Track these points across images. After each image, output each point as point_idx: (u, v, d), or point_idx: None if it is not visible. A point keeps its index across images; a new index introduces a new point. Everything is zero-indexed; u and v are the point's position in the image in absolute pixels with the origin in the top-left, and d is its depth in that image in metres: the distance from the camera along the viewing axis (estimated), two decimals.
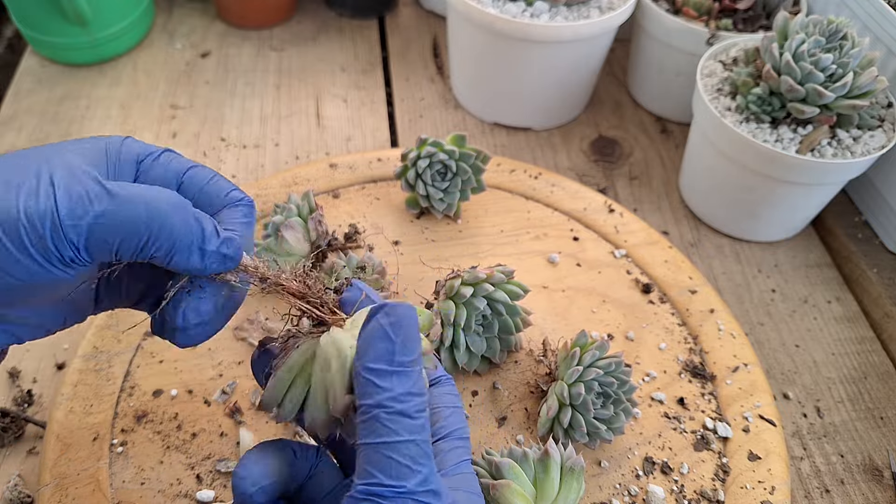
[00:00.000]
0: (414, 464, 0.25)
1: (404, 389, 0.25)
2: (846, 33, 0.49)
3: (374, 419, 0.25)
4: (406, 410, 0.25)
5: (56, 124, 0.63)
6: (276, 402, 0.29)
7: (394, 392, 0.25)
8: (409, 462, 0.25)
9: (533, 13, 0.56)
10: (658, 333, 0.48)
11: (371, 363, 0.26)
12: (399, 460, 0.25)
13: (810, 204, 0.55)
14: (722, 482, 0.41)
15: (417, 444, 0.25)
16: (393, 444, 0.25)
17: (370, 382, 0.25)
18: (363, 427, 0.25)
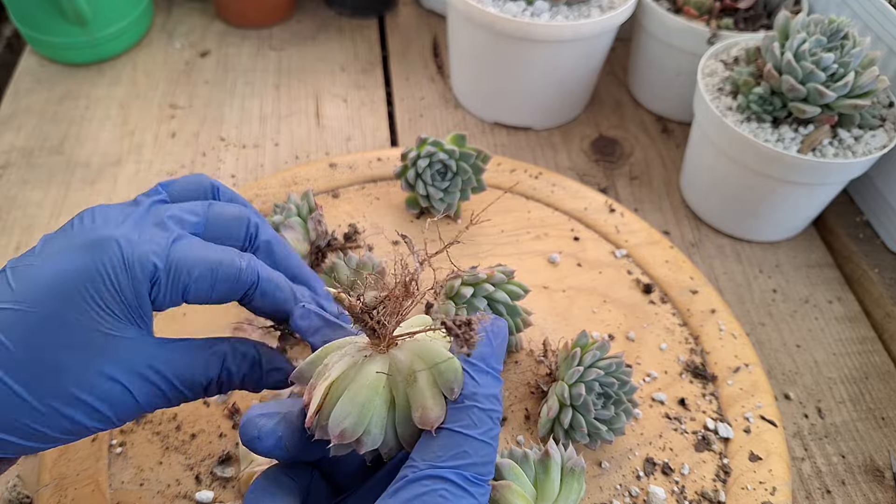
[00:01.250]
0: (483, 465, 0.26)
1: (493, 391, 0.27)
2: (847, 33, 0.49)
3: (464, 409, 0.26)
4: (492, 413, 0.26)
5: (55, 124, 0.63)
6: (362, 429, 0.26)
7: (487, 391, 0.27)
8: (479, 461, 0.25)
9: (533, 12, 0.56)
10: (659, 334, 0.48)
11: (474, 359, 0.27)
12: (471, 456, 0.25)
13: (811, 204, 0.55)
14: (723, 483, 0.41)
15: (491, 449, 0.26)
16: (473, 439, 0.26)
17: (468, 375, 0.27)
18: (450, 414, 0.26)
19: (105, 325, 0.27)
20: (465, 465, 0.25)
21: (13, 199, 0.57)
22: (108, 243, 0.28)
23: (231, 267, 0.30)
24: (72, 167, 0.59)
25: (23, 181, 0.58)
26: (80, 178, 0.59)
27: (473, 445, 0.26)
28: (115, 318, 0.27)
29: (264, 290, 0.31)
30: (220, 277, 0.30)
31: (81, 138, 0.62)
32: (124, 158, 0.60)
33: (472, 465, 0.25)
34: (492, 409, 0.27)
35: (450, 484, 0.25)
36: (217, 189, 0.35)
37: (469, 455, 0.25)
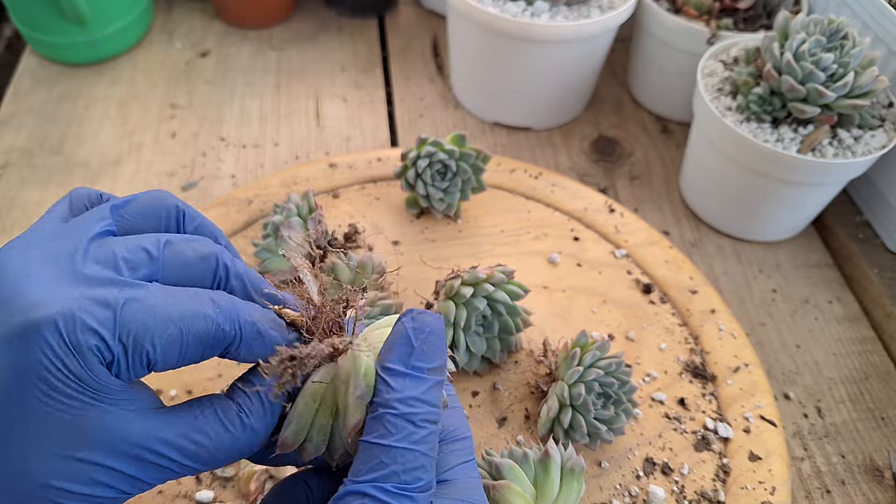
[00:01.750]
0: (406, 473, 0.24)
1: (413, 394, 0.25)
2: (847, 33, 0.49)
3: (378, 418, 0.25)
4: (411, 416, 0.24)
5: (55, 124, 0.63)
6: (303, 437, 0.26)
7: (402, 394, 0.25)
8: (399, 469, 0.24)
9: (533, 12, 0.56)
10: (659, 334, 0.48)
11: (387, 363, 0.25)
12: (389, 465, 0.24)
13: (811, 204, 0.55)
14: (723, 483, 0.41)
15: (416, 454, 0.24)
16: (389, 447, 0.24)
17: (382, 381, 0.25)
18: (367, 425, 0.25)
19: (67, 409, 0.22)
20: (382, 477, 0.24)
21: (13, 199, 0.57)
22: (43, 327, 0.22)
23: (203, 321, 0.24)
24: (71, 167, 0.59)
25: (22, 181, 0.58)
26: (79, 178, 0.59)
27: (390, 454, 0.24)
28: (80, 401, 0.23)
29: (250, 344, 0.26)
30: (192, 338, 0.24)
31: (81, 138, 0.62)
32: (124, 158, 0.60)
33: (391, 474, 0.24)
34: (411, 413, 0.25)
35: (367, 498, 0.23)
36: (182, 213, 0.28)
37: (386, 465, 0.24)
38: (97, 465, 0.23)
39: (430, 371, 0.26)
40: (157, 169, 0.60)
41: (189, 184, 0.59)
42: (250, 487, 0.39)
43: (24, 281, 0.23)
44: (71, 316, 0.22)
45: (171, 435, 0.24)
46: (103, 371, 0.23)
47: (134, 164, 0.60)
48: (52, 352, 0.22)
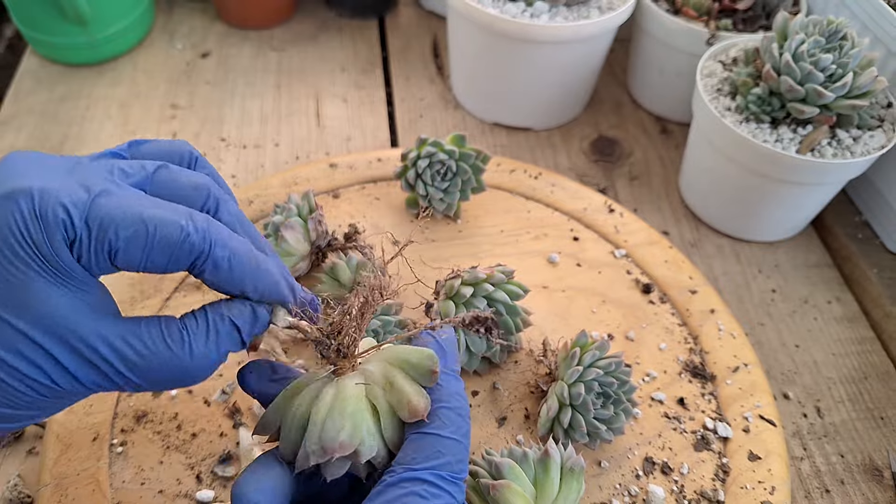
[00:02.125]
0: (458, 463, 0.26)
1: (458, 390, 0.28)
2: (846, 33, 0.49)
3: (435, 411, 0.27)
4: (460, 410, 0.27)
5: (56, 124, 0.63)
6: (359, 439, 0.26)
7: (450, 389, 0.28)
8: (453, 459, 0.26)
9: (533, 13, 0.56)
10: (658, 333, 0.48)
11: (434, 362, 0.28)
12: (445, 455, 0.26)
13: (810, 204, 0.55)
14: (722, 482, 0.41)
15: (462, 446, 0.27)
16: (445, 438, 0.26)
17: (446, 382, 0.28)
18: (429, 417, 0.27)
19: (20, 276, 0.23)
20: (440, 465, 0.26)
21: None
22: (19, 194, 0.23)
23: (174, 227, 0.24)
24: None
25: None
26: None
27: (446, 445, 0.26)
28: (35, 273, 0.23)
29: (217, 262, 0.25)
30: (158, 240, 0.24)
31: (82, 138, 0.62)
32: None
33: (446, 464, 0.26)
34: (459, 406, 0.27)
35: (427, 484, 0.25)
36: (195, 160, 0.29)
37: (443, 454, 0.26)
38: (29, 339, 0.23)
39: (457, 373, 0.29)
40: None
41: None
42: None
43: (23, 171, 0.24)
44: (47, 191, 0.23)
45: (110, 335, 0.24)
46: (64, 250, 0.23)
47: None
48: (20, 216, 0.23)
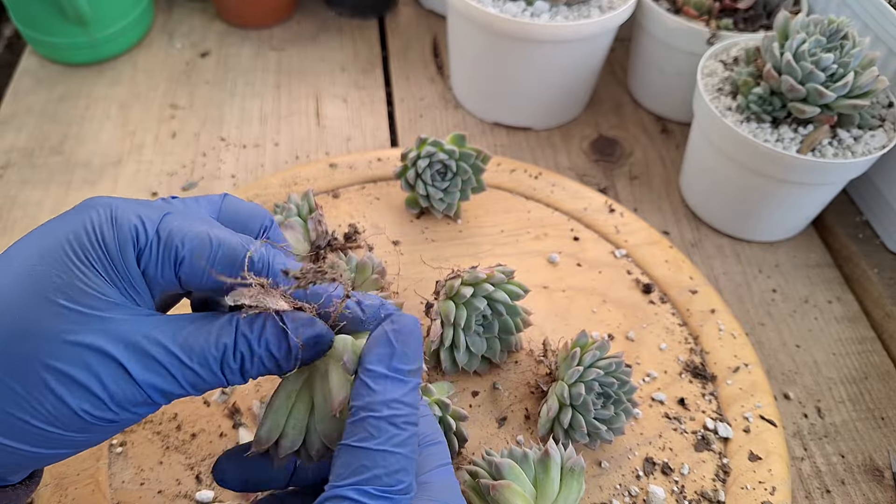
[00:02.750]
0: (388, 476, 0.24)
1: (395, 396, 0.25)
2: (847, 33, 0.49)
3: (360, 422, 0.24)
4: (393, 419, 0.24)
5: (55, 124, 0.63)
6: (277, 434, 0.27)
7: (385, 396, 0.25)
8: (382, 472, 0.24)
9: (533, 13, 0.56)
10: (658, 334, 0.48)
11: (368, 364, 0.25)
12: (371, 468, 0.24)
13: (811, 204, 0.55)
14: (722, 483, 0.41)
15: (398, 457, 0.24)
16: (371, 451, 0.24)
17: (363, 384, 0.25)
18: (347, 429, 0.25)
19: (87, 283, 0.23)
20: (364, 480, 0.24)
21: (13, 198, 0.57)
22: (99, 204, 0.25)
23: (236, 246, 0.25)
24: (72, 167, 0.59)
25: (23, 181, 0.58)
26: (80, 178, 0.59)
27: (372, 457, 0.24)
28: (101, 279, 0.24)
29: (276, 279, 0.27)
30: (221, 256, 0.25)
31: (82, 138, 0.62)
32: (125, 158, 0.60)
33: (373, 478, 0.24)
34: (393, 415, 0.25)
35: (349, 501, 0.24)
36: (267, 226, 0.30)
37: (368, 468, 0.24)
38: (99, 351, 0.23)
39: (410, 373, 0.26)
40: (158, 169, 0.60)
41: (189, 184, 0.59)
42: None
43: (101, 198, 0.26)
44: (124, 205, 0.25)
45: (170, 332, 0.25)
46: (132, 256, 0.24)
47: (134, 164, 0.60)
48: (97, 219, 0.24)
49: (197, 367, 0.24)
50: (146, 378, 0.24)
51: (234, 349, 0.25)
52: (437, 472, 0.28)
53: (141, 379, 0.24)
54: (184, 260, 0.25)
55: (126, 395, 0.24)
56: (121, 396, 0.24)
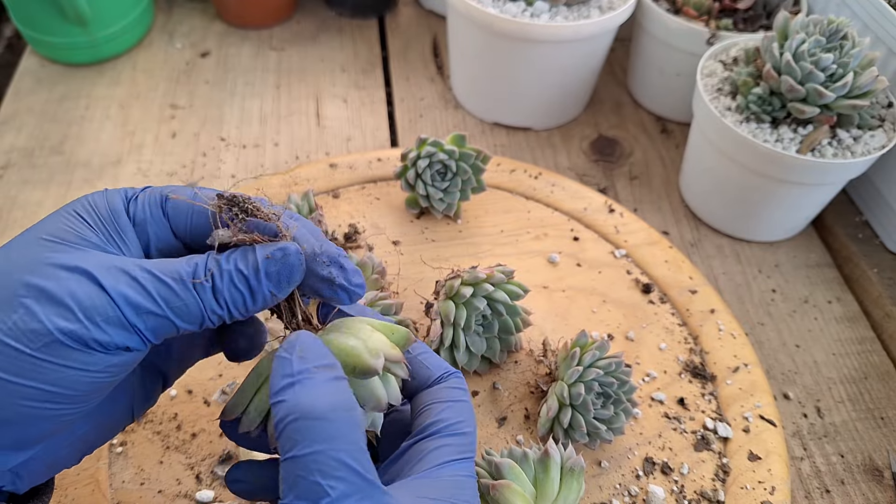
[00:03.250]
0: (323, 478, 0.22)
1: (308, 395, 0.23)
2: (846, 33, 0.49)
3: (282, 434, 0.23)
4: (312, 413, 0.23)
5: (56, 124, 0.63)
6: (241, 409, 0.27)
7: (297, 400, 0.23)
8: (319, 477, 0.22)
9: (533, 13, 0.56)
10: (658, 333, 0.48)
11: (274, 382, 0.24)
12: (305, 476, 0.22)
13: (810, 204, 0.55)
14: (722, 482, 0.41)
15: (326, 454, 0.22)
16: (299, 458, 0.23)
17: (275, 400, 0.24)
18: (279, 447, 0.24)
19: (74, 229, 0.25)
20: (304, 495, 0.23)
21: (14, 198, 0.57)
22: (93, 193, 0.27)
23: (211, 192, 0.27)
24: (72, 167, 0.59)
25: (23, 181, 0.58)
26: (80, 178, 0.59)
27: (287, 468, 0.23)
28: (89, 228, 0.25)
29: None
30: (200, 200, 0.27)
31: (82, 138, 0.62)
32: (125, 158, 0.61)
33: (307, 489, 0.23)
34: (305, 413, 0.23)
35: None
36: None
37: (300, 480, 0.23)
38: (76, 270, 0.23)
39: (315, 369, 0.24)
40: (158, 169, 0.60)
41: (190, 184, 0.59)
42: None
43: None
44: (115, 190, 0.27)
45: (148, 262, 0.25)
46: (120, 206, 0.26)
47: (134, 164, 0.60)
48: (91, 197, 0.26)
49: (169, 280, 0.24)
50: (117, 288, 0.24)
51: (204, 265, 0.25)
52: (449, 467, 0.27)
53: (111, 287, 0.23)
54: (168, 199, 0.27)
55: (95, 304, 0.23)
56: (89, 305, 0.23)
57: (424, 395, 0.30)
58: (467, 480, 0.27)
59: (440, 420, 0.28)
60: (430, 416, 0.29)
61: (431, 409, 0.29)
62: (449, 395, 0.30)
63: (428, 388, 0.30)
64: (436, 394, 0.30)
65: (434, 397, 0.30)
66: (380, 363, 0.26)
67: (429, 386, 0.30)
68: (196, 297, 0.25)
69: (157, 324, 0.24)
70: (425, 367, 0.31)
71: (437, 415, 0.28)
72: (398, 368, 0.28)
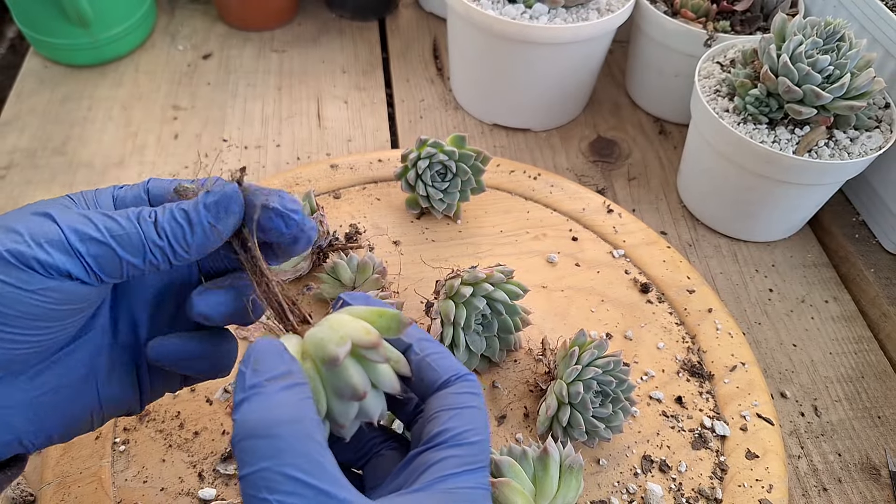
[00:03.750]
0: (271, 494, 0.22)
1: (255, 411, 0.23)
2: (843, 34, 0.49)
3: (236, 454, 0.23)
4: (256, 431, 0.23)
5: (58, 125, 0.63)
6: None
7: (244, 419, 0.23)
8: (266, 493, 0.22)
9: (532, 15, 0.57)
10: (656, 333, 0.49)
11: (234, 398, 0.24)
12: (255, 494, 0.22)
13: (808, 204, 0.55)
14: (720, 480, 0.42)
15: (272, 470, 0.22)
16: (247, 477, 0.22)
17: (233, 419, 0.24)
18: None
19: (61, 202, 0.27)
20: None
21: (16, 199, 0.57)
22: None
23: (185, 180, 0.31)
24: (74, 168, 0.60)
25: (26, 182, 0.58)
26: (82, 179, 0.59)
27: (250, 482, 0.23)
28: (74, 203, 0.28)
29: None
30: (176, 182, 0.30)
31: (84, 139, 0.62)
32: (127, 159, 0.61)
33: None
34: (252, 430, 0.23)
35: None
36: None
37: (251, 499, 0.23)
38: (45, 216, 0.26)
39: (266, 381, 0.24)
40: (160, 170, 0.60)
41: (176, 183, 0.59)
42: None
43: None
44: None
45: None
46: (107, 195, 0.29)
47: (137, 165, 0.60)
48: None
49: (115, 215, 0.26)
50: (67, 220, 0.25)
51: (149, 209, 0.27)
52: (451, 479, 0.25)
53: (62, 220, 0.25)
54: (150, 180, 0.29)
55: (43, 231, 0.25)
56: (37, 231, 0.25)
57: (433, 401, 0.28)
58: (471, 493, 0.26)
59: (446, 430, 0.27)
60: (436, 424, 0.27)
61: (438, 416, 0.27)
62: (457, 400, 0.28)
63: (436, 393, 0.29)
64: (443, 399, 0.28)
65: (441, 404, 0.28)
66: (342, 350, 0.25)
67: (437, 390, 0.29)
68: (138, 227, 0.26)
69: (99, 251, 0.25)
70: (433, 368, 0.29)
71: (444, 423, 0.27)
72: (373, 354, 0.26)
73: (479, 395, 0.28)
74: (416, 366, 0.29)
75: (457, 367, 0.29)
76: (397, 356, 0.28)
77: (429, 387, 0.29)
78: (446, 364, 0.29)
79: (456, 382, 0.29)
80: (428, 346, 0.30)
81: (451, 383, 0.29)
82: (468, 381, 0.29)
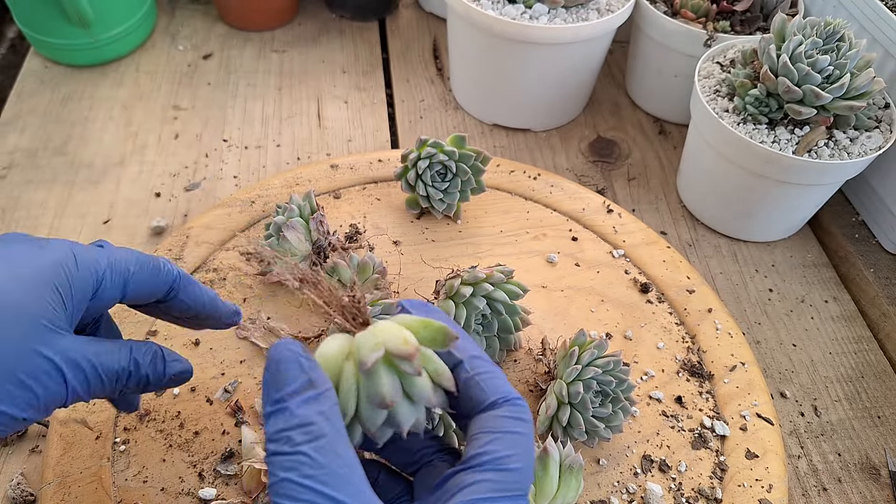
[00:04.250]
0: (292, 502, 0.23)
1: (276, 428, 0.24)
2: (843, 35, 0.49)
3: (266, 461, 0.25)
4: (278, 449, 0.24)
5: (59, 125, 0.63)
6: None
7: (268, 432, 0.25)
8: (287, 501, 0.23)
9: (532, 15, 0.57)
10: (656, 333, 0.49)
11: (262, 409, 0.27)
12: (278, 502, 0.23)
13: (807, 204, 0.55)
14: (720, 480, 0.42)
15: (292, 481, 0.23)
16: (273, 485, 0.24)
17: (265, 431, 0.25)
18: None
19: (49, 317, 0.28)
20: None
21: (17, 199, 0.57)
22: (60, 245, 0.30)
23: (155, 261, 0.33)
24: (75, 168, 0.60)
25: (27, 182, 0.59)
26: (83, 179, 0.59)
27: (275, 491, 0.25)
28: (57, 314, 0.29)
29: (187, 285, 0.35)
30: (149, 270, 0.33)
31: (85, 139, 0.62)
32: (128, 159, 0.61)
33: None
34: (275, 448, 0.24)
35: None
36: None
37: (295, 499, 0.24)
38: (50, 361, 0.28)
39: (285, 397, 0.25)
40: (161, 170, 0.60)
41: (192, 184, 0.59)
42: (253, 485, 0.39)
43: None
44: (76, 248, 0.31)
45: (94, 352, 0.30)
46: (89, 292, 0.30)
47: (137, 165, 0.60)
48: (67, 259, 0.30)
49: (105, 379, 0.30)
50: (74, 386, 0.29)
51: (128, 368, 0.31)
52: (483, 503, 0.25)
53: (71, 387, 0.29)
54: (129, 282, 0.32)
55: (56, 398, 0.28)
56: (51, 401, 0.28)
57: (477, 422, 0.28)
58: None
59: (484, 452, 0.26)
60: (475, 446, 0.26)
61: (479, 438, 0.27)
62: (500, 424, 0.27)
63: (480, 414, 0.28)
64: (486, 422, 0.27)
65: (484, 426, 0.27)
66: (372, 357, 0.25)
67: (482, 411, 0.28)
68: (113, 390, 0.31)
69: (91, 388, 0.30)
70: (481, 388, 0.28)
71: (482, 446, 0.26)
72: (406, 365, 0.26)
73: (525, 422, 0.27)
74: (465, 383, 0.28)
75: (506, 390, 0.28)
76: (442, 369, 0.28)
77: (475, 406, 0.28)
78: (495, 385, 0.28)
79: (503, 405, 0.28)
80: (479, 365, 0.29)
81: (497, 405, 0.28)
82: (516, 405, 0.28)
